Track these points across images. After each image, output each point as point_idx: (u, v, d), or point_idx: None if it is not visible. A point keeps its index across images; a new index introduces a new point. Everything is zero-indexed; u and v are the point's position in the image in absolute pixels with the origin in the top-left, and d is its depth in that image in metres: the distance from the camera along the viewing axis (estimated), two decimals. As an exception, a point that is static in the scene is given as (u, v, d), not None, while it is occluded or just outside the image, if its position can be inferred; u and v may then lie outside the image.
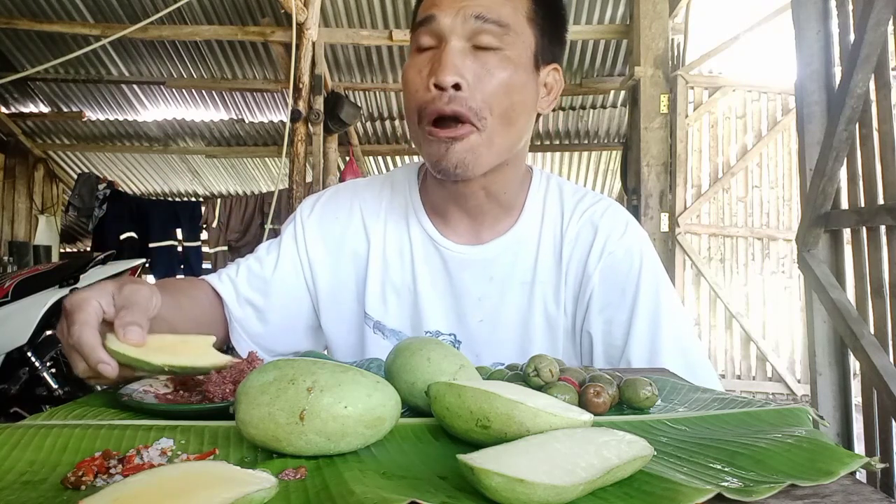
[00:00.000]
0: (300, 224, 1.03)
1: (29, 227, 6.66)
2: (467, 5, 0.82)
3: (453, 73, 0.80)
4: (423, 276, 0.98)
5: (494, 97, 0.83)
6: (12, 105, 6.39)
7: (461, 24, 0.82)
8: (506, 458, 0.39)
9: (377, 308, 0.99)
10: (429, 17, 0.84)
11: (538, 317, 0.96)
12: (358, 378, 0.48)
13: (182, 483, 0.36)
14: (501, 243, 0.96)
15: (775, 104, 4.83)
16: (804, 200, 2.41)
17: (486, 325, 0.96)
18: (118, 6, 4.94)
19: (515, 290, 0.96)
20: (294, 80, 3.98)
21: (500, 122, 0.85)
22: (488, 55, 0.83)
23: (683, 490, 0.38)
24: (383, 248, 1.00)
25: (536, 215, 0.99)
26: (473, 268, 0.96)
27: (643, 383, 0.60)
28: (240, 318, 1.00)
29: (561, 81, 0.95)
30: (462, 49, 0.82)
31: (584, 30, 4.90)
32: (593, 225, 0.97)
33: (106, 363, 0.61)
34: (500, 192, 0.94)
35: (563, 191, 1.01)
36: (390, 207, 1.02)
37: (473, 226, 0.97)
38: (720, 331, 4.77)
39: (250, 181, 7.91)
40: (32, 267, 3.60)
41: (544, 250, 0.97)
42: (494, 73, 0.83)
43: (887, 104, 2.03)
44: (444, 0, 0.84)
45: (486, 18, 0.82)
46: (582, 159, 7.64)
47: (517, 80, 0.85)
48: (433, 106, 0.82)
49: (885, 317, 2.02)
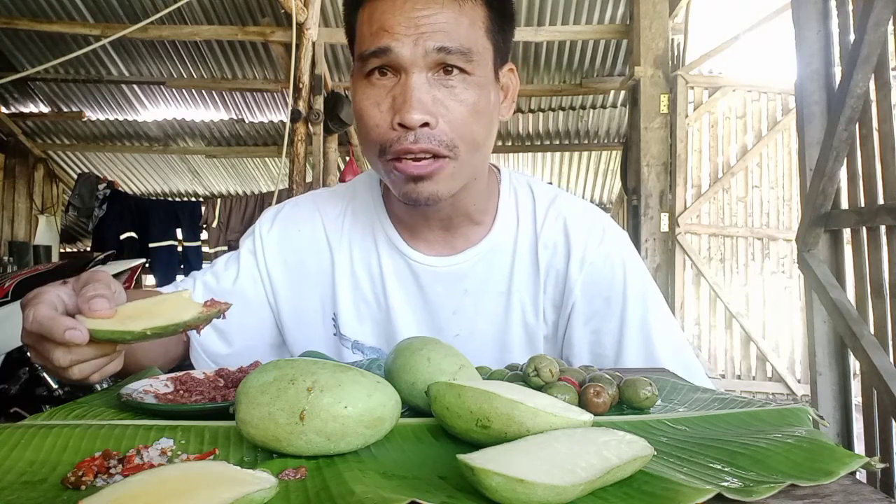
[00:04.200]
0: (259, 238, 0.97)
1: (29, 227, 6.66)
2: (425, 33, 0.74)
3: (421, 112, 0.74)
4: (395, 291, 0.93)
5: (465, 126, 0.77)
6: (12, 105, 6.39)
7: (422, 57, 0.74)
8: (506, 458, 0.39)
9: (353, 327, 0.94)
10: (384, 49, 0.75)
11: (516, 327, 0.92)
12: (358, 378, 0.48)
13: (182, 483, 0.36)
14: (475, 253, 0.91)
15: (775, 104, 4.83)
16: (804, 200, 2.40)
17: (462, 339, 0.92)
18: (118, 6, 4.94)
19: (492, 301, 0.92)
20: (294, 80, 3.98)
21: (471, 147, 0.79)
22: (453, 82, 0.76)
23: (683, 490, 0.38)
24: (350, 264, 0.95)
25: (510, 222, 0.94)
26: (446, 280, 0.91)
27: (643, 383, 0.60)
28: (199, 337, 0.93)
29: (516, 80, 0.89)
30: (426, 81, 0.75)
31: (584, 30, 4.89)
32: (568, 232, 0.92)
33: (72, 328, 0.55)
34: (469, 205, 0.89)
35: (535, 193, 0.96)
36: (354, 222, 0.96)
37: (445, 237, 0.92)
38: (720, 331, 4.77)
39: (250, 181, 7.91)
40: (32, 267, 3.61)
41: (520, 258, 0.92)
42: (463, 101, 0.77)
43: (887, 104, 2.03)
44: (397, 27, 0.74)
45: (451, 49, 0.74)
46: (582, 159, 7.64)
47: (484, 102, 0.79)
48: (399, 145, 0.76)
49: (885, 317, 2.02)
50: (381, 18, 0.76)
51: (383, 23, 0.75)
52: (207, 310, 0.60)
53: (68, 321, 0.56)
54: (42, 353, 0.59)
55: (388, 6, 0.76)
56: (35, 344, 0.59)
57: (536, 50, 5.43)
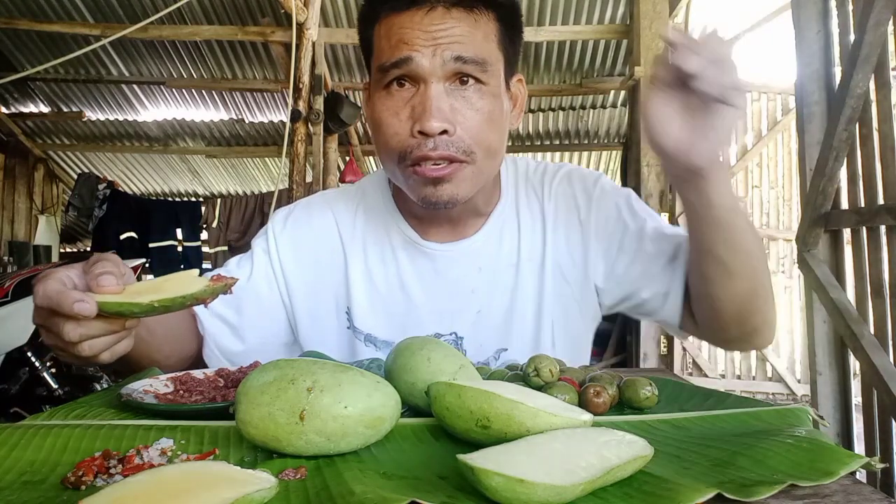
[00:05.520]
0: (272, 238, 0.99)
1: (29, 227, 6.65)
2: (442, 44, 0.78)
3: (440, 120, 0.78)
4: (412, 280, 0.96)
5: (481, 133, 0.81)
6: (12, 105, 6.39)
7: (440, 66, 0.78)
8: (506, 458, 0.39)
9: (367, 320, 0.97)
10: (405, 59, 0.79)
11: (527, 298, 0.96)
12: (358, 378, 0.48)
13: (182, 483, 0.36)
14: (484, 233, 0.97)
15: (775, 104, 4.83)
16: (804, 200, 2.41)
17: (483, 315, 0.96)
18: (118, 6, 4.94)
19: (504, 274, 0.97)
20: (294, 80, 3.98)
21: (487, 154, 0.84)
22: (469, 91, 0.81)
23: (683, 490, 0.38)
24: (364, 259, 0.98)
25: (511, 200, 0.99)
26: (461, 261, 0.96)
27: (643, 383, 0.60)
28: (213, 332, 0.95)
29: (524, 90, 0.94)
30: (444, 91, 0.79)
31: (584, 30, 4.89)
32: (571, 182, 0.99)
33: (81, 300, 0.56)
34: (478, 203, 0.95)
35: (529, 170, 1.03)
36: (367, 218, 1.00)
37: (454, 228, 0.97)
38: (720, 331, 4.76)
39: (250, 181, 7.91)
40: (32, 267, 3.60)
41: (525, 230, 0.98)
42: (480, 110, 0.81)
43: (887, 104, 2.03)
44: (416, 38, 0.79)
45: (466, 59, 0.79)
46: (582, 159, 7.64)
47: (498, 111, 0.83)
48: (419, 152, 0.79)
49: (885, 317, 2.02)
50: (399, 32, 0.80)
51: (402, 36, 0.80)
52: (214, 284, 0.60)
53: (77, 294, 0.57)
54: (52, 330, 0.60)
55: (405, 21, 0.80)
56: (45, 321, 0.61)
57: (536, 50, 5.43)
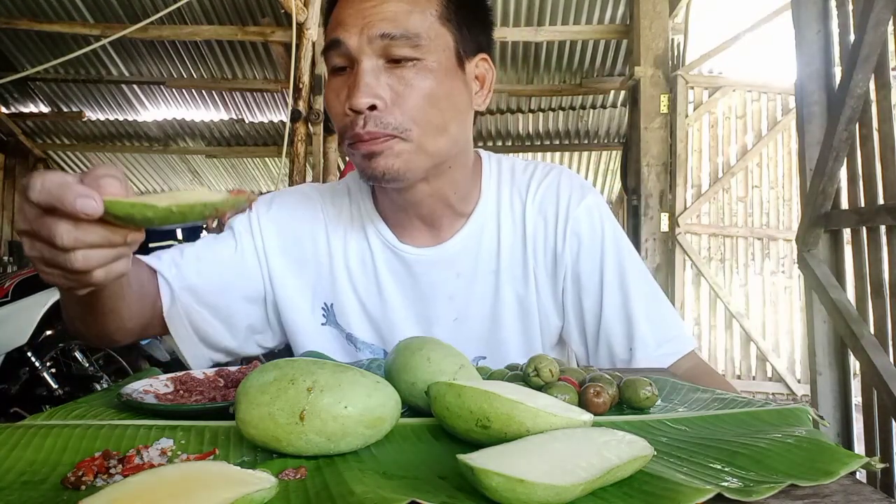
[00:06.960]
0: (255, 218, 0.97)
1: (29, 227, 6.65)
2: (370, 22, 0.79)
3: (367, 96, 0.78)
4: (388, 284, 0.96)
5: (418, 110, 0.80)
6: (12, 105, 6.39)
7: (367, 45, 0.79)
8: (506, 458, 0.39)
9: (347, 319, 0.96)
10: (335, 42, 0.80)
11: (508, 302, 0.95)
12: (358, 378, 0.48)
13: (182, 483, 0.36)
14: (462, 237, 0.95)
15: (775, 104, 4.82)
16: (804, 200, 2.40)
17: (460, 322, 0.95)
18: (118, 6, 4.94)
19: (483, 280, 0.95)
20: (294, 80, 3.98)
21: (429, 131, 0.82)
22: (404, 69, 0.80)
23: (683, 490, 0.38)
24: (345, 257, 0.97)
25: (492, 202, 0.97)
26: (438, 267, 0.95)
27: (643, 383, 0.60)
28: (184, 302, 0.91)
29: (492, 70, 0.91)
30: (374, 68, 0.79)
31: (584, 30, 4.90)
32: (555, 194, 0.96)
33: (85, 195, 0.48)
34: (449, 194, 0.92)
35: (515, 171, 1.00)
36: (350, 216, 0.99)
37: (431, 230, 0.95)
38: (720, 331, 4.77)
39: (250, 181, 7.92)
40: (32, 267, 3.60)
41: (506, 234, 0.96)
42: (414, 87, 0.80)
43: (887, 104, 2.03)
44: (347, 19, 0.80)
45: (393, 35, 0.78)
46: (582, 159, 7.65)
47: (441, 88, 0.82)
48: (351, 131, 0.80)
49: (885, 317, 2.02)
50: (336, 15, 0.83)
51: (339, 18, 0.82)
52: (235, 196, 0.54)
53: (81, 188, 0.48)
54: (41, 235, 0.51)
55: (344, 3, 0.82)
56: (33, 223, 0.51)
57: (536, 50, 5.43)
